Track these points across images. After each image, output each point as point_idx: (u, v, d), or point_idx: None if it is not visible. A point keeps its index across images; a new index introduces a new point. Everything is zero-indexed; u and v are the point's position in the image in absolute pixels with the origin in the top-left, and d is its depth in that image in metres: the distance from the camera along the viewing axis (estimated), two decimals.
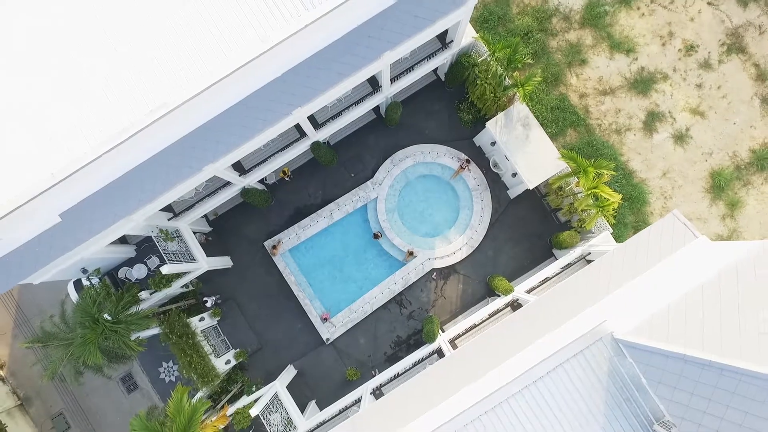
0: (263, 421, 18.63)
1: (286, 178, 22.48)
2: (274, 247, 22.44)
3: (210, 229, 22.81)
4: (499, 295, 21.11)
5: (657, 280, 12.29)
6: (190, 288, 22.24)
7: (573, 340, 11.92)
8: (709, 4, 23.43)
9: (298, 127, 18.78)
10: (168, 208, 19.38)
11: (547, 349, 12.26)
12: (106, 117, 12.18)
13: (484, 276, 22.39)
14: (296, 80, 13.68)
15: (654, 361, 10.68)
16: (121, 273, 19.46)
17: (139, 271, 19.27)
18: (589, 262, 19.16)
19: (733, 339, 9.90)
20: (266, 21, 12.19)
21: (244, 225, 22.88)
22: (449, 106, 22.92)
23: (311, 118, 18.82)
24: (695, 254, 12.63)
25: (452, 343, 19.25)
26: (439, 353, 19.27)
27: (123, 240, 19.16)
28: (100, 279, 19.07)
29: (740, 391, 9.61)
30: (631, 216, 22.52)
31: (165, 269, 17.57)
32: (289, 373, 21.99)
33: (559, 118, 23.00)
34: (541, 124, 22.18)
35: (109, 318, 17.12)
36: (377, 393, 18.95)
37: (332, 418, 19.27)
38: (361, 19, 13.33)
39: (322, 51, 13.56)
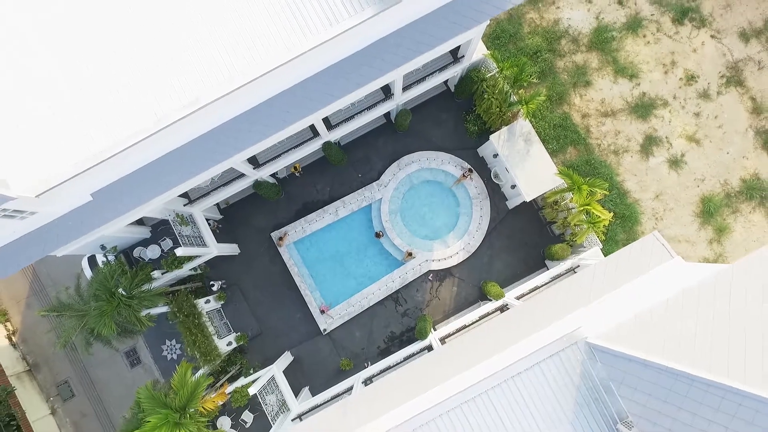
0: (260, 400, 20.01)
1: (297, 174, 23.91)
2: (280, 238, 23.84)
3: (221, 216, 24.23)
4: (490, 300, 22.43)
5: (631, 293, 13.63)
6: (198, 271, 23.66)
7: (550, 342, 13.25)
8: (712, 37, 24.72)
9: (312, 126, 20.18)
10: (184, 195, 20.83)
11: (526, 348, 13.60)
12: (144, 108, 13.59)
13: (478, 280, 23.73)
14: (316, 86, 15.06)
15: (619, 364, 12.02)
16: (136, 252, 20.93)
17: (153, 252, 20.74)
18: None
19: (689, 349, 11.23)
20: (293, 33, 13.57)
21: (254, 215, 24.29)
22: (457, 116, 24.27)
23: (325, 120, 20.24)
24: (669, 272, 13.97)
25: (443, 341, 20.61)
26: (430, 350, 20.61)
27: (140, 221, 20.59)
28: (115, 256, 20.54)
29: (691, 394, 10.93)
30: (622, 234, 23.82)
31: (179, 251, 19.00)
32: (285, 359, 23.39)
33: (560, 136, 24.31)
34: (543, 140, 23.60)
35: (123, 293, 18.56)
36: (368, 383, 20.30)
37: (324, 403, 20.63)
38: (379, 36, 14.70)
39: (341, 62, 14.93)
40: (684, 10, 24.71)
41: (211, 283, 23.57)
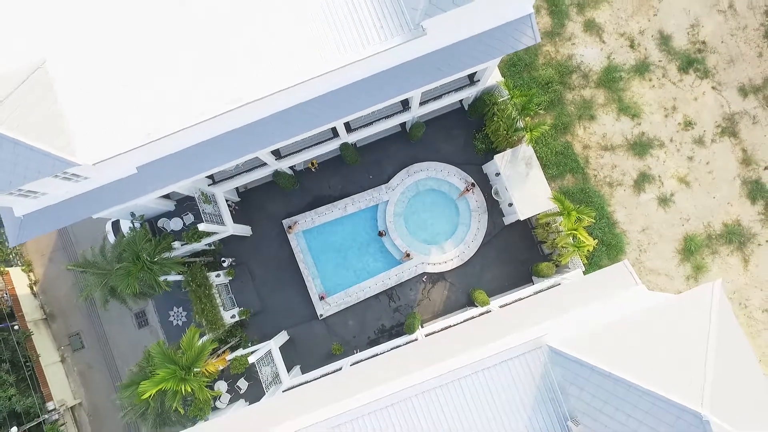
0: (257, 369, 22.44)
1: (313, 169, 26.32)
2: (290, 226, 26.26)
3: (239, 199, 26.69)
4: (476, 306, 24.76)
5: (595, 309, 15.96)
6: (212, 247, 26.12)
7: (519, 344, 15.59)
8: (713, 88, 26.98)
9: (333, 128, 22.58)
10: (210, 176, 23.28)
11: (498, 347, 15.94)
12: (195, 101, 16.00)
13: (468, 287, 26.08)
14: (344, 97, 17.45)
15: (572, 367, 14.35)
16: (160, 223, 23.42)
17: (175, 224, 23.22)
18: None
19: (631, 360, 13.54)
20: (330, 50, 15.95)
21: (269, 202, 26.73)
22: (467, 133, 26.61)
23: (346, 123, 22.63)
24: (631, 296, 16.30)
25: (428, 338, 22.94)
26: None
27: (167, 195, 23.04)
28: (141, 224, 23.02)
29: (628, 398, 13.26)
30: (607, 260, 26.09)
31: (201, 226, 21.44)
32: (282, 337, 25.82)
33: (561, 163, 26.62)
34: (544, 165, 25.96)
35: (147, 258, 21.02)
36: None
37: (313, 380, 23.01)
38: (403, 60, 17.09)
39: (369, 77, 17.31)
40: (690, 61, 26.97)
41: (223, 259, 26.01)
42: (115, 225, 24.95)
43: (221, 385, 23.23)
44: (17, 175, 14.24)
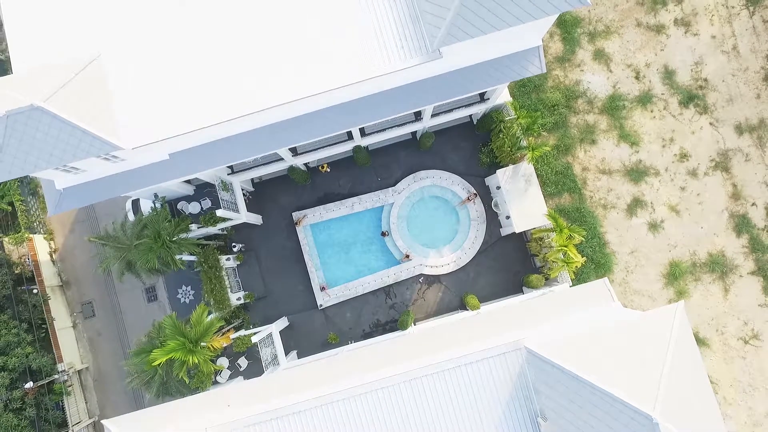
0: (258, 349, 24.45)
1: (323, 172, 28.29)
2: (299, 219, 28.25)
3: (253, 189, 28.71)
4: (468, 310, 26.69)
5: (572, 319, 17.89)
6: (224, 232, 28.14)
7: (501, 345, 17.53)
8: (711, 124, 28.85)
9: (349, 132, 24.53)
10: (230, 166, 25.27)
11: (482, 346, 17.88)
12: (230, 99, 17.97)
13: (461, 291, 28.02)
14: (362, 106, 19.42)
15: (546, 368, 16.27)
16: (180, 205, 25.43)
17: (194, 207, 25.23)
18: None
19: (597, 366, 15.45)
20: (357, 64, 17.91)
21: (281, 194, 28.75)
22: (474, 146, 28.54)
23: (361, 128, 24.59)
24: (606, 311, 18.22)
25: (419, 332, 24.92)
26: None
27: (188, 180, 25.04)
28: (162, 205, 25.04)
29: (591, 399, 15.16)
30: (594, 278, 27.95)
31: (219, 212, 23.47)
32: (282, 322, 27.83)
33: (560, 182, 28.53)
34: (544, 183, 27.89)
35: (167, 236, 23.03)
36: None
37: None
38: (419, 78, 19.04)
39: (386, 91, 19.28)
40: (691, 96, 28.84)
41: (233, 244, 28.04)
42: (135, 203, 26.95)
43: (223, 361, 25.25)
44: (68, 153, 16.25)
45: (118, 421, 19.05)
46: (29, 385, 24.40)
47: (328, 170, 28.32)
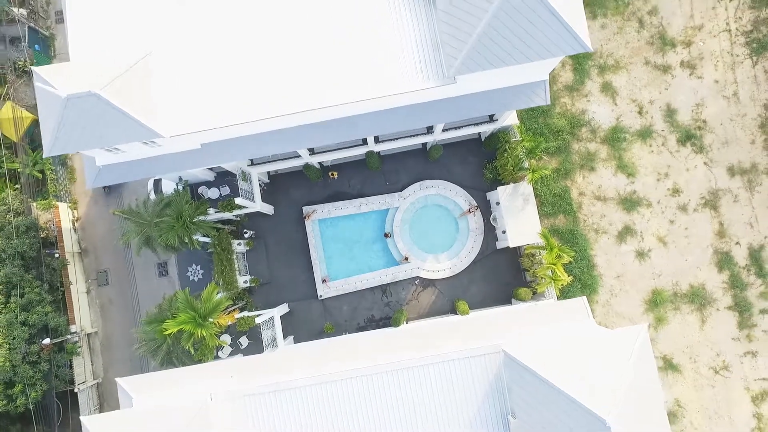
0: (259, 330, 26.79)
1: (332, 178, 30.63)
2: (308, 213, 30.56)
3: (268, 181, 31.03)
4: (458, 314, 28.94)
5: (549, 330, 20.16)
6: (238, 218, 30.48)
7: (482, 346, 19.81)
8: (705, 163, 31.01)
9: (364, 138, 26.83)
10: (250, 159, 27.58)
11: (465, 346, 20.16)
12: (259, 102, 20.29)
13: (454, 297, 30.29)
14: (379, 117, 21.71)
15: (519, 371, 18.54)
16: (200, 190, 27.76)
17: (213, 193, 27.57)
18: None
19: (566, 373, 17.71)
20: (378, 80, 20.19)
21: (294, 188, 31.09)
22: (479, 161, 30.79)
23: (375, 136, 26.88)
24: (581, 326, 20.47)
25: (409, 329, 27.21)
26: None
27: (210, 168, 27.36)
28: (183, 187, 27.38)
29: (556, 402, 17.43)
30: (579, 296, 30.13)
31: (237, 200, 25.77)
32: (283, 308, 30.16)
33: (557, 203, 30.74)
34: (542, 203, 30.13)
35: (188, 217, 25.37)
36: None
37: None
38: (433, 98, 21.32)
39: (403, 107, 21.58)
40: (689, 135, 31.00)
41: (245, 231, 30.39)
42: (157, 183, 29.23)
43: (225, 338, 27.60)
44: (116, 136, 18.61)
45: (130, 380, 21.43)
46: (47, 341, 26.80)
47: (335, 177, 30.63)
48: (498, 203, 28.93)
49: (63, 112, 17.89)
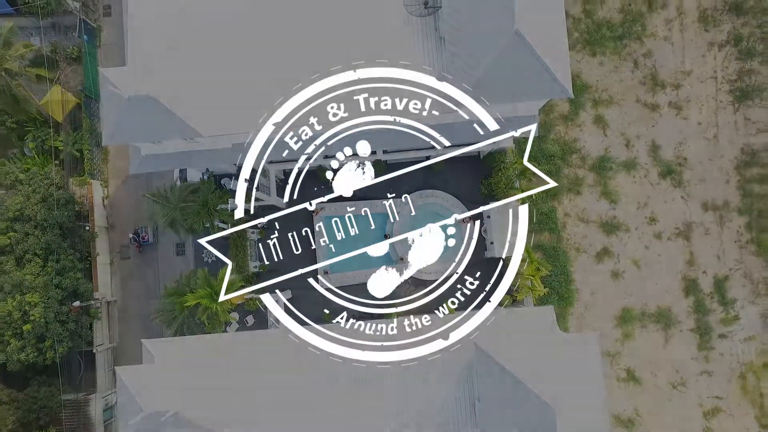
0: (267, 311, 30.68)
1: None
2: (317, 209, 34.39)
3: (282, 177, 34.88)
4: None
5: (516, 330, 23.98)
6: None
7: (457, 339, 23.63)
8: (682, 197, 34.72)
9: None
10: None
11: (444, 339, 23.98)
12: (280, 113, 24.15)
13: (442, 298, 34.03)
14: (391, 136, 25.56)
15: (486, 361, 22.35)
16: (223, 181, 31.68)
17: (234, 185, 31.41)
18: None
19: (525, 365, 21.47)
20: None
21: (305, 186, 34.85)
22: (477, 177, 34.53)
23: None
24: (545, 329, 24.27)
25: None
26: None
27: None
28: (209, 177, 31.32)
29: (514, 389, 21.22)
30: (556, 309, 33.88)
31: (255, 193, 29.64)
32: (286, 294, 34.01)
33: (543, 221, 34.51)
34: (529, 219, 33.81)
35: (212, 204, 29.29)
36: None
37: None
38: (434, 122, 25.15)
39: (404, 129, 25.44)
40: (670, 170, 34.71)
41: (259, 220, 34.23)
42: (183, 171, 33.26)
43: (234, 315, 31.52)
44: (164, 133, 22.50)
45: (154, 343, 25.36)
46: (77, 303, 30.74)
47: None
48: (489, 216, 32.70)
49: (123, 110, 21.79)
